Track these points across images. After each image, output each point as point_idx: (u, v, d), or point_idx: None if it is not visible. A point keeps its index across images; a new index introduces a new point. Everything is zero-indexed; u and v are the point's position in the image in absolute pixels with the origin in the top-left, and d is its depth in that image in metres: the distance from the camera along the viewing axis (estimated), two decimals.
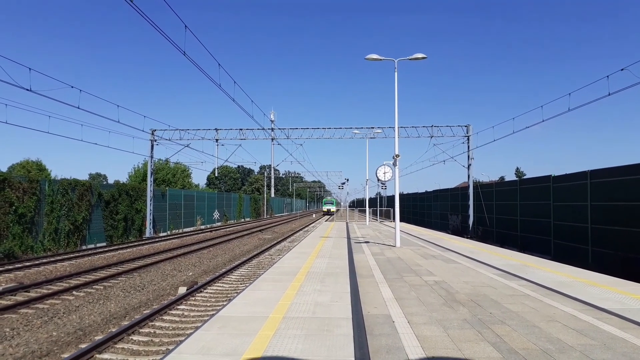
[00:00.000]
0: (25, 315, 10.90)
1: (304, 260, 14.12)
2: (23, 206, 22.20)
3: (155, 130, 36.84)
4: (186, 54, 14.71)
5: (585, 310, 7.81)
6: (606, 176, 17.04)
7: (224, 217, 56.55)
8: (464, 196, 34.02)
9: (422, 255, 15.59)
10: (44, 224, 23.87)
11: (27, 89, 16.87)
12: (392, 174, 22.87)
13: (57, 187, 25.12)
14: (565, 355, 5.55)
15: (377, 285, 10.08)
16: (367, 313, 7.57)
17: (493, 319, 7.26)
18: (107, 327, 10.12)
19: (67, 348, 8.66)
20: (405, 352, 5.63)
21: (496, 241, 26.43)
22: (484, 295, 9.02)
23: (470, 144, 34.61)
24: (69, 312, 11.23)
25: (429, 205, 46.15)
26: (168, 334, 9.66)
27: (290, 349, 5.69)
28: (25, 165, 48.95)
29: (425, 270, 12.38)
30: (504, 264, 13.35)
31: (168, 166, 59.65)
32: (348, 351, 5.62)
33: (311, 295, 8.87)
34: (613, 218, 16.35)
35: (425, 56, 17.35)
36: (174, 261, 20.60)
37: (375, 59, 17.61)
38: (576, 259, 17.54)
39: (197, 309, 11.92)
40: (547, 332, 6.53)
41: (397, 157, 18.16)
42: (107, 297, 13.01)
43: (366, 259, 14.74)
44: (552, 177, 21.33)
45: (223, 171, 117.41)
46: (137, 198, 33.87)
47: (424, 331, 6.55)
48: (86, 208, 27.33)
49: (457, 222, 36.02)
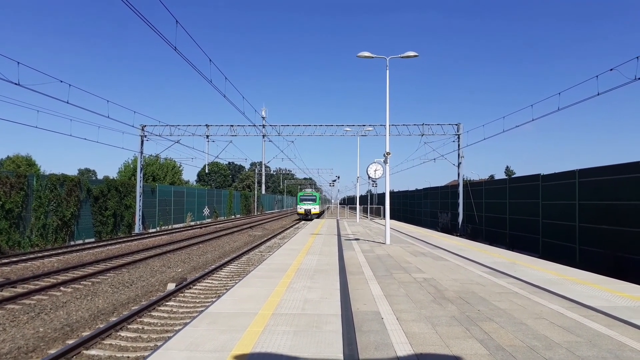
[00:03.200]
0: (12, 311, 10.79)
1: (294, 257, 14.11)
2: (10, 201, 21.95)
3: (145, 126, 36.58)
4: (177, 50, 14.62)
5: (572, 307, 7.88)
6: (594, 175, 17.19)
7: (214, 214, 56.35)
8: (454, 194, 34.18)
9: (412, 253, 15.64)
10: (31, 219, 23.62)
11: (16, 83, 16.67)
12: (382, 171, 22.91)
13: (45, 182, 24.87)
14: (552, 352, 5.59)
15: (367, 282, 10.10)
16: (356, 310, 7.58)
17: (481, 316, 7.30)
18: (95, 323, 10.04)
19: (54, 344, 8.59)
20: (394, 349, 5.65)
21: (485, 239, 26.60)
22: (472, 293, 9.08)
23: (460, 142, 34.75)
24: (56, 308, 11.14)
25: (419, 203, 46.32)
26: (156, 330, 9.61)
27: (279, 345, 5.69)
28: (15, 160, 48.41)
29: (414, 267, 12.42)
30: (492, 262, 13.43)
31: (158, 162, 59.25)
32: (337, 348, 5.62)
33: (301, 292, 8.87)
34: (601, 217, 16.51)
35: (417, 54, 17.39)
36: (163, 257, 20.50)
37: (367, 57, 17.61)
38: (564, 257, 17.70)
39: (186, 305, 11.87)
40: (534, 329, 6.58)
41: (388, 155, 18.19)
42: (95, 293, 12.92)
43: (356, 256, 14.76)
44: (541, 175, 21.49)
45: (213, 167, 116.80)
46: (126, 194, 33.63)
47: (413, 328, 6.58)
48: (75, 204, 27.08)
49: (446, 220, 36.19)
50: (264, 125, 37.20)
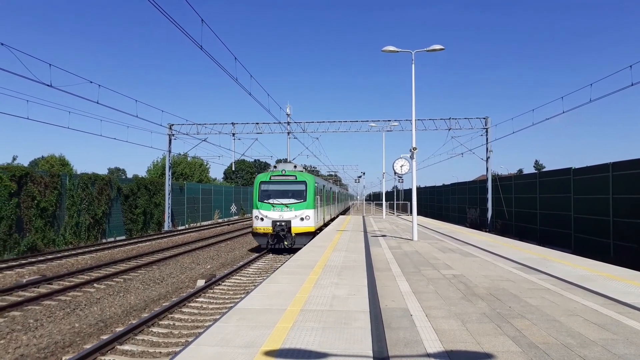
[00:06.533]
0: (49, 307, 11.12)
1: (320, 253, 14.13)
2: (45, 200, 22.60)
3: (172, 125, 37.13)
4: (203, 48, 14.77)
5: (607, 304, 7.68)
6: (629, 168, 16.69)
7: (241, 211, 56.92)
8: (483, 189, 33.68)
9: (440, 249, 15.49)
10: (65, 217, 24.28)
11: (48, 84, 17.11)
12: (409, 167, 22.76)
13: (77, 181, 25.53)
14: (587, 350, 5.46)
15: (395, 279, 10.05)
16: (384, 306, 7.55)
17: (512, 312, 7.18)
18: (128, 319, 10.27)
19: (89, 339, 8.82)
20: (424, 346, 5.60)
21: (515, 235, 26.14)
22: (503, 289, 8.93)
23: (488, 136, 34.22)
24: (91, 304, 11.43)
25: (446, 198, 45.81)
26: (187, 326, 9.77)
27: (308, 342, 5.71)
28: (50, 160, 49.91)
29: (443, 263, 12.30)
30: (523, 258, 13.19)
31: (186, 160, 60.15)
32: (366, 344, 5.61)
33: (328, 289, 8.88)
34: (637, 211, 16.03)
35: (443, 48, 17.15)
36: (192, 254, 20.81)
37: (392, 51, 17.45)
38: (598, 253, 17.25)
39: (216, 301, 12.04)
40: (568, 326, 6.43)
41: (414, 150, 18.03)
42: (127, 290, 13.21)
43: (383, 252, 14.69)
44: (572, 169, 21.00)
45: (240, 165, 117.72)
46: (155, 192, 34.25)
47: (443, 325, 6.51)
48: (106, 202, 27.72)
49: (475, 215, 35.71)
50: (288, 122, 37.08)
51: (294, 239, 20.47)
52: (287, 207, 20.69)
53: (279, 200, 20.88)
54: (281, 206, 20.68)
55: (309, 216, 20.78)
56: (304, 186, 21.32)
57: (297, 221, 20.53)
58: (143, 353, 8.06)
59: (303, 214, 20.68)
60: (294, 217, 20.53)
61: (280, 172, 21.77)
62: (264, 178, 21.73)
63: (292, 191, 21.30)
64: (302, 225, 20.62)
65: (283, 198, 21.00)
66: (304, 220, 20.65)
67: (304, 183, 21.39)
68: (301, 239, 20.26)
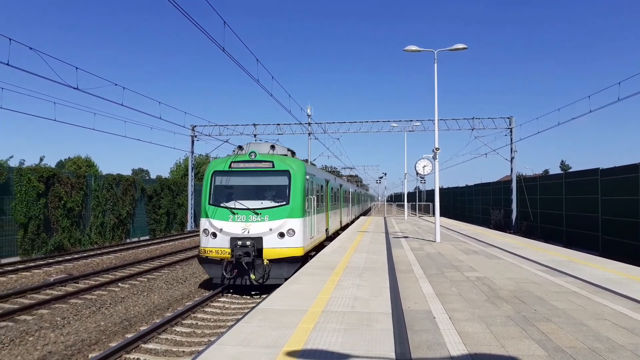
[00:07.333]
0: (75, 305, 11.35)
1: (341, 254, 14.10)
2: (71, 201, 23.08)
3: (195, 126, 37.56)
4: (225, 50, 14.86)
5: (636, 308, 7.47)
6: None
7: None
8: (507, 190, 33.18)
9: (463, 251, 15.30)
10: (90, 217, 24.76)
11: (74, 87, 17.46)
12: (431, 167, 22.53)
13: (102, 182, 26.01)
14: (615, 355, 5.32)
15: (417, 281, 9.95)
16: (407, 308, 7.48)
17: (538, 316, 7.04)
18: (152, 318, 10.41)
19: (114, 337, 8.96)
20: (447, 348, 5.53)
21: (540, 236, 25.67)
22: (528, 292, 8.77)
23: (513, 136, 33.71)
24: (115, 303, 11.62)
25: (470, 199, 45.26)
26: (209, 325, 9.85)
27: (330, 343, 5.69)
28: (77, 161, 51.12)
29: (466, 265, 12.14)
30: (548, 260, 12.94)
31: (208, 161, 60.78)
32: (388, 346, 5.56)
33: (350, 290, 8.85)
34: None
35: (465, 46, 16.94)
36: None
37: (414, 51, 17.31)
38: (627, 256, 16.80)
39: (237, 301, 12.11)
40: (596, 330, 6.28)
41: (437, 151, 17.85)
42: (150, 289, 13.38)
43: (405, 254, 14.58)
44: (600, 170, 20.53)
45: None
46: (178, 193, 34.68)
47: (466, 327, 6.42)
48: (130, 202, 28.17)
49: (499, 216, 35.18)
50: (309, 123, 37.07)
51: (266, 270, 12.33)
52: (257, 214, 12.67)
53: (244, 202, 12.90)
54: (247, 213, 12.70)
55: (293, 230, 12.74)
56: (285, 179, 13.30)
57: (272, 238, 12.52)
58: (167, 352, 8.15)
59: (283, 225, 12.65)
60: (268, 232, 12.52)
61: (246, 157, 13.50)
62: (219, 166, 13.69)
63: (265, 187, 13.71)
64: (280, 246, 12.56)
65: (250, 199, 13.08)
66: (285, 236, 12.62)
67: (286, 174, 13.32)
68: (279, 269, 12.49)
